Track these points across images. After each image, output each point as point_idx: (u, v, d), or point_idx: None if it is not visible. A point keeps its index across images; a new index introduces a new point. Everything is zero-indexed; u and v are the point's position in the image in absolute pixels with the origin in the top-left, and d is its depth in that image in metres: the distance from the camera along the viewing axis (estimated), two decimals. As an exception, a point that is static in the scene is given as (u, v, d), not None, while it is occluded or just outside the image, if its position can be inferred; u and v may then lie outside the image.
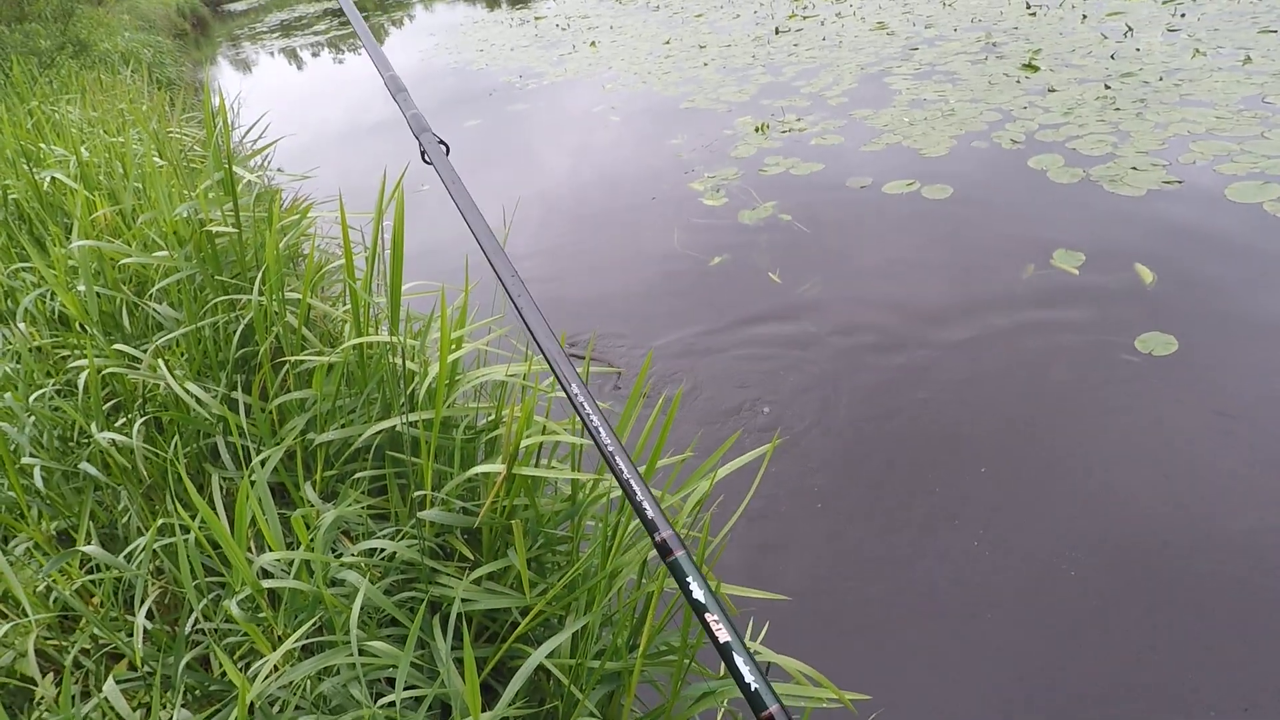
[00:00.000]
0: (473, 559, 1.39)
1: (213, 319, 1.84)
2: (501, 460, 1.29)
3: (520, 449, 1.28)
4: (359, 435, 1.49)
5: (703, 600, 0.83)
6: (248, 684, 1.03)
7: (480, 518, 1.31)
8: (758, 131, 5.34)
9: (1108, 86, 5.08)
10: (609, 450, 0.94)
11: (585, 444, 1.41)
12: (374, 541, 1.31)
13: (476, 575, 1.28)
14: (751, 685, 0.78)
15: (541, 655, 1.10)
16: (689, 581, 0.85)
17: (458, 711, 1.09)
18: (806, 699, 1.19)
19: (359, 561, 1.31)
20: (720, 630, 0.81)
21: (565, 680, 1.17)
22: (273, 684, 1.11)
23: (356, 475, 1.51)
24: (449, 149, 1.27)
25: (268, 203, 2.34)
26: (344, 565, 1.26)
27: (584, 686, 1.17)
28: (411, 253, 1.59)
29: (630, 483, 0.92)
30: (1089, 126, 4.54)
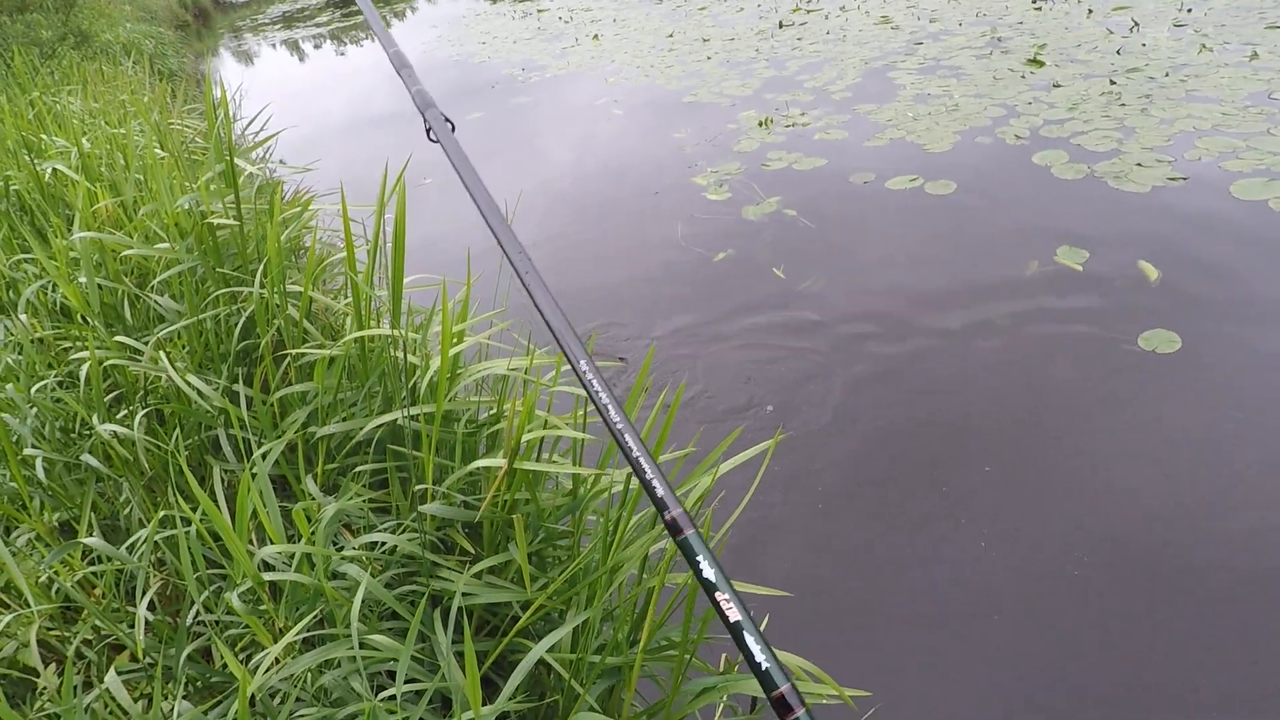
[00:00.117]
0: (474, 553, 1.39)
1: (214, 311, 1.84)
2: (503, 454, 1.28)
3: (522, 443, 1.28)
4: (360, 428, 1.49)
5: (713, 579, 0.83)
6: (249, 676, 1.03)
7: (481, 512, 1.31)
8: (761, 126, 5.32)
9: (1113, 82, 5.06)
10: (618, 428, 0.93)
11: (587, 439, 1.41)
12: (375, 535, 1.31)
13: (477, 569, 1.28)
14: (763, 664, 0.78)
15: (542, 649, 1.10)
16: (699, 560, 0.84)
17: (458, 705, 1.09)
18: (807, 695, 1.19)
19: (360, 555, 1.31)
20: (731, 609, 0.81)
21: (566, 675, 1.17)
22: (274, 676, 1.11)
23: (358, 469, 1.51)
24: (454, 126, 1.26)
25: (269, 195, 2.33)
26: (345, 558, 1.26)
27: (585, 681, 1.18)
28: (413, 246, 1.59)
29: (640, 460, 0.91)
30: (1094, 122, 4.52)
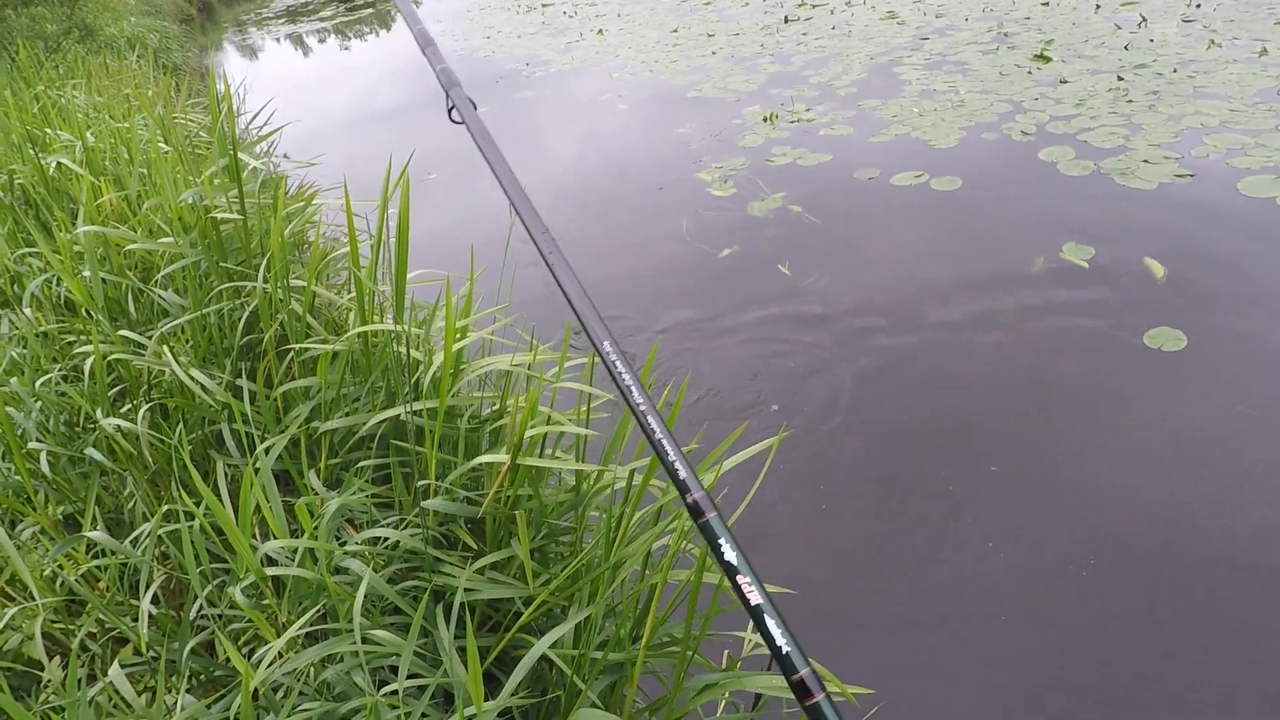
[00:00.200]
0: (476, 548, 1.39)
1: (218, 306, 1.84)
2: (506, 450, 1.28)
3: (525, 439, 1.27)
4: (363, 423, 1.49)
5: (734, 562, 0.83)
6: (251, 670, 1.03)
7: (484, 507, 1.30)
8: (766, 121, 5.30)
9: (1121, 78, 5.02)
10: (641, 410, 0.93)
11: (590, 435, 1.41)
12: (378, 530, 1.31)
13: (480, 565, 1.28)
14: (783, 648, 0.78)
15: (544, 645, 1.10)
16: (721, 543, 0.84)
17: (460, 700, 1.09)
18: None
19: (363, 550, 1.31)
20: (752, 593, 0.81)
21: (568, 670, 1.17)
22: (276, 670, 1.11)
23: (361, 464, 1.51)
24: (476, 106, 1.26)
25: (273, 189, 2.33)
26: (348, 553, 1.26)
27: (587, 677, 1.18)
28: (417, 241, 1.58)
29: (663, 443, 0.91)
30: (1101, 118, 4.49)
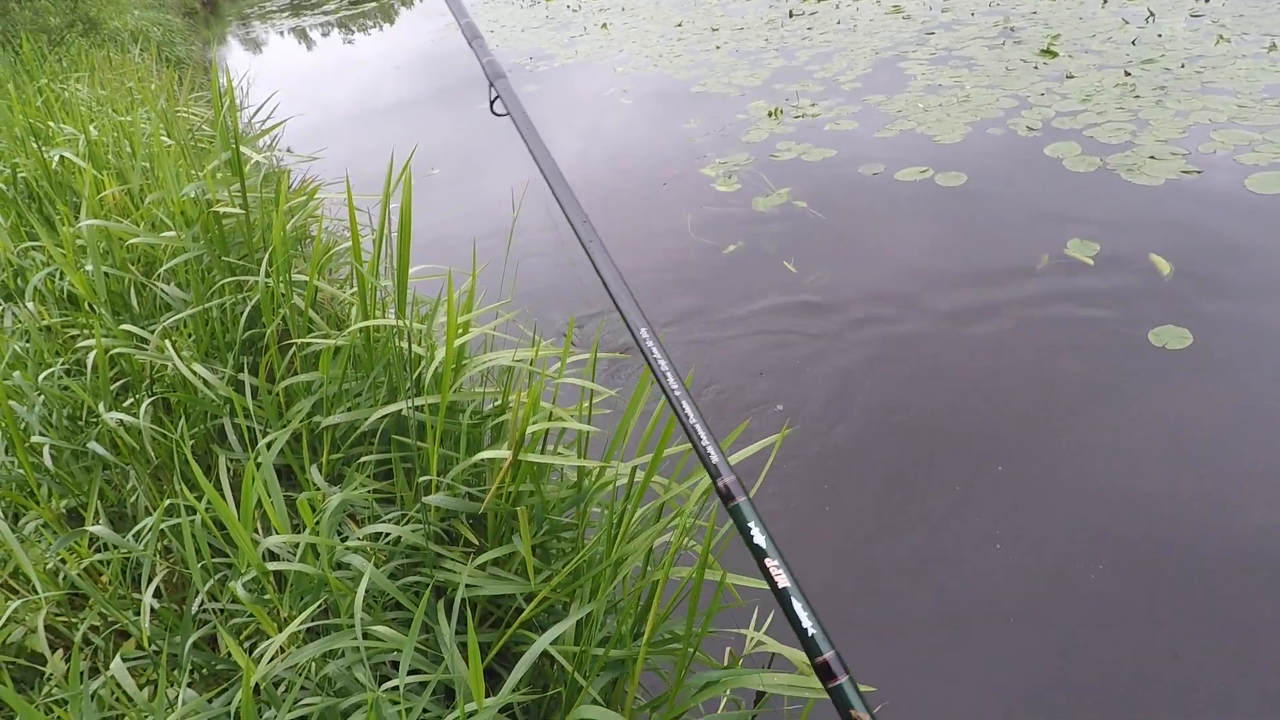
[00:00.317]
0: (478, 544, 1.39)
1: (220, 300, 1.84)
2: (507, 446, 1.28)
3: (526, 435, 1.27)
4: (365, 419, 1.49)
5: (763, 545, 0.85)
6: (252, 665, 1.03)
7: (485, 503, 1.30)
8: (770, 116, 5.28)
9: (1128, 73, 4.99)
10: (676, 395, 0.96)
11: (592, 431, 1.41)
12: (379, 525, 1.31)
13: (481, 561, 1.28)
14: (809, 631, 0.80)
15: (546, 642, 1.10)
16: (750, 527, 0.86)
17: (461, 696, 1.09)
18: (811, 690, 1.19)
19: (364, 545, 1.31)
20: (780, 575, 0.83)
21: (569, 667, 1.17)
22: (278, 665, 1.11)
23: (362, 459, 1.51)
24: (498, 98, 1.28)
25: (275, 184, 2.33)
26: (349, 549, 1.26)
27: (588, 673, 1.17)
28: (420, 236, 1.58)
29: (696, 427, 0.94)
30: (1107, 114, 4.46)
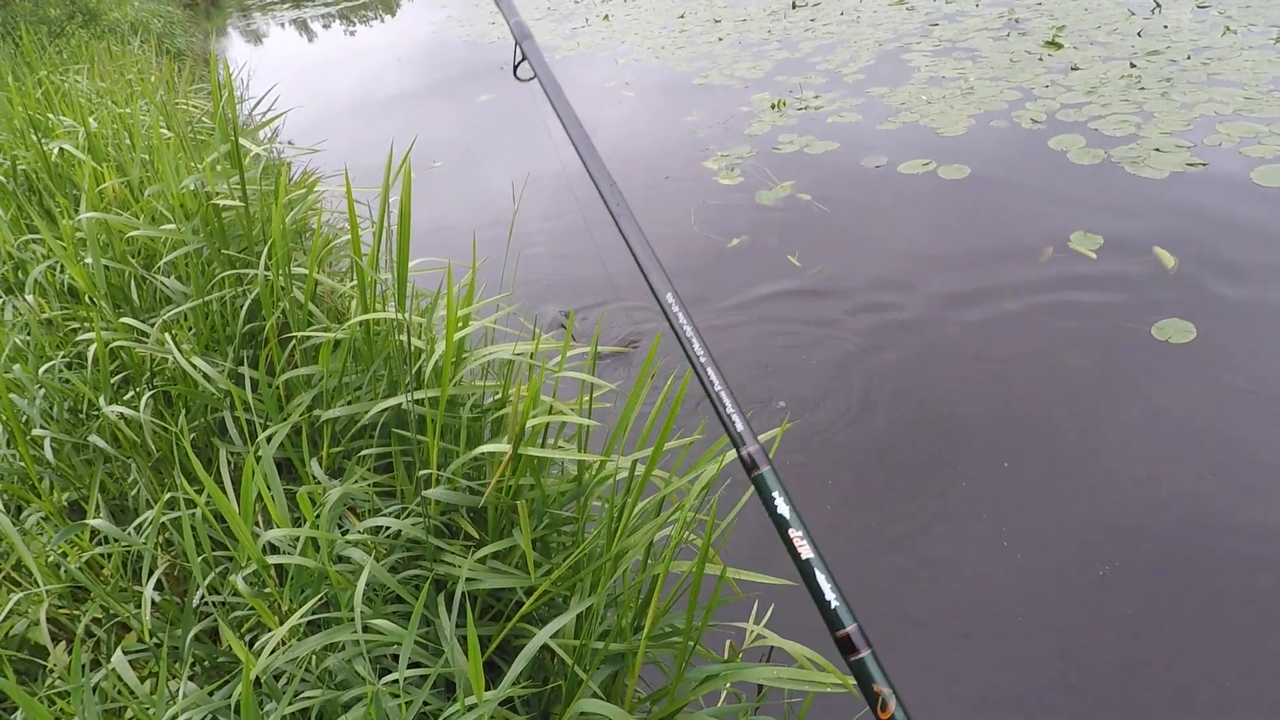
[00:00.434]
0: (478, 538, 1.39)
1: (220, 293, 1.84)
2: (507, 440, 1.28)
3: (526, 428, 1.27)
4: (365, 412, 1.48)
5: (787, 516, 0.85)
6: (253, 658, 1.03)
7: (485, 497, 1.30)
8: (773, 109, 5.25)
9: (1133, 65, 4.95)
10: (701, 362, 0.97)
11: (593, 425, 1.40)
12: (379, 519, 1.31)
13: (481, 554, 1.28)
14: (832, 603, 0.80)
15: (546, 635, 1.10)
16: (774, 496, 0.86)
17: (461, 689, 1.09)
18: (811, 683, 1.19)
19: (364, 539, 1.31)
20: (803, 546, 0.83)
21: (569, 660, 1.17)
22: (278, 658, 1.11)
23: (363, 452, 1.51)
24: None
25: (275, 176, 2.32)
26: (349, 542, 1.26)
27: (588, 667, 1.17)
28: (421, 230, 1.57)
29: (721, 394, 0.95)
30: (1112, 106, 4.43)
